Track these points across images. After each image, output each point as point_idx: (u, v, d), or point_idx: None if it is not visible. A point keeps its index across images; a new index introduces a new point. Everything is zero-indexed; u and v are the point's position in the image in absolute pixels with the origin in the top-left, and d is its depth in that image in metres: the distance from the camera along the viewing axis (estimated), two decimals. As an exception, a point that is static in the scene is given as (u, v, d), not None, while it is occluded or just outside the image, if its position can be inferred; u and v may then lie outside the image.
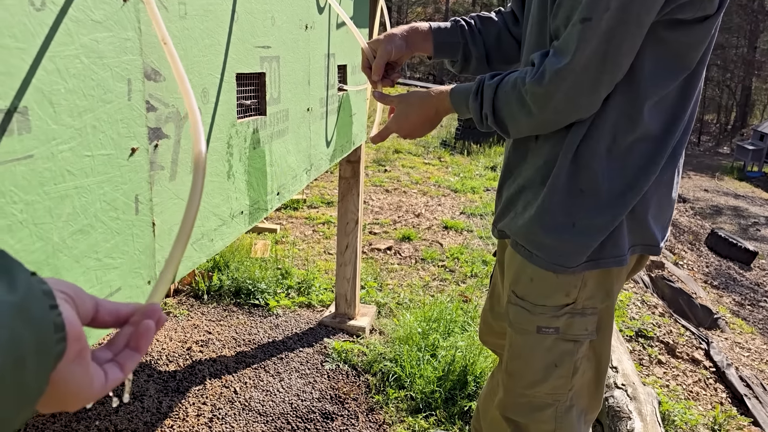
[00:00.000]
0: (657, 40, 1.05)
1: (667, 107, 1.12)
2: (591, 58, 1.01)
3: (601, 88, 1.06)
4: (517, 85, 1.11)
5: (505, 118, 1.16)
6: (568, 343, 1.25)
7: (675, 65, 1.09)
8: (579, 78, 1.03)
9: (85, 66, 0.79)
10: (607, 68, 1.03)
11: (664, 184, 1.19)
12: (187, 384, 2.29)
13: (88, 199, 0.82)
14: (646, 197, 1.16)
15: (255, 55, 1.37)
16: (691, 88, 1.13)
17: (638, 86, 1.08)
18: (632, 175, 1.13)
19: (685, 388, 2.94)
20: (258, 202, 1.45)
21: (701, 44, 1.08)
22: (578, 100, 1.06)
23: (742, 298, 6.70)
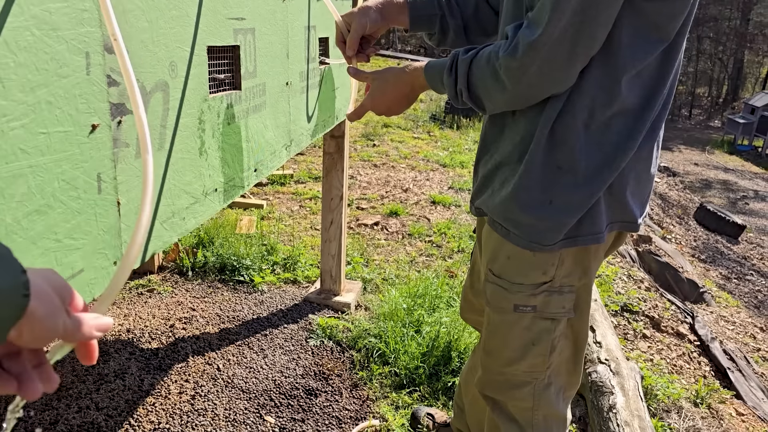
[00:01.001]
0: (635, 10, 1.02)
1: (646, 81, 1.09)
2: (565, 29, 0.98)
3: (576, 61, 1.03)
4: (491, 59, 1.08)
5: (480, 94, 1.13)
6: (546, 322, 1.24)
7: (653, 37, 1.05)
8: (553, 50, 1.00)
9: (36, 38, 0.75)
10: (581, 40, 1.00)
11: (643, 159, 1.17)
12: (170, 361, 2.27)
13: (44, 178, 0.79)
14: (624, 173, 1.14)
15: (228, 27, 1.32)
16: (670, 61, 1.10)
17: (616, 59, 1.05)
18: (610, 150, 1.11)
19: (669, 362, 2.97)
20: (233, 179, 1.42)
21: (680, 15, 1.05)
22: (553, 74, 1.03)
23: (729, 272, 6.75)
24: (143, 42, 0.99)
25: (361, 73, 1.35)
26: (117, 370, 2.18)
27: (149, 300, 2.75)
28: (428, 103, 10.62)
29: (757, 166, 16.03)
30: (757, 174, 14.99)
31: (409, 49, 22.78)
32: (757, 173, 15.08)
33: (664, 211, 8.54)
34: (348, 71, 1.39)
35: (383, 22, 1.39)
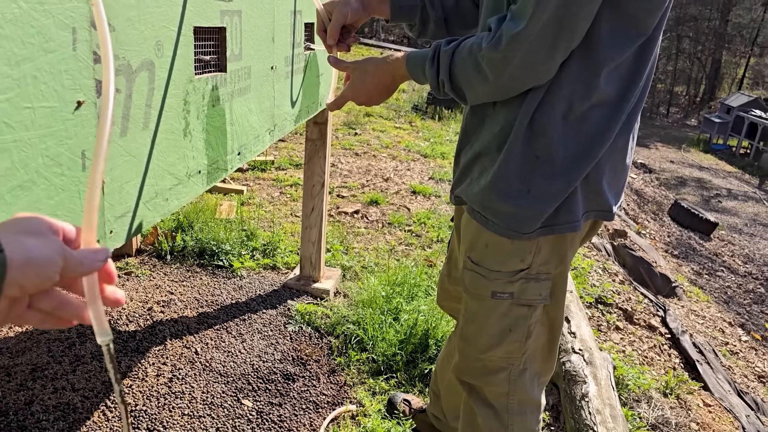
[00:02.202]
0: (614, 5, 1.04)
1: (623, 73, 1.12)
2: (547, 22, 1.00)
3: (557, 54, 1.05)
4: (473, 50, 1.09)
5: (461, 85, 1.14)
6: (523, 308, 1.26)
7: (632, 31, 1.08)
8: (535, 43, 1.02)
9: (23, 11, 0.75)
10: (563, 34, 1.02)
11: (618, 150, 1.19)
12: (147, 344, 2.27)
13: (28, 153, 0.79)
14: (601, 163, 1.17)
15: (215, 9, 1.31)
16: (646, 54, 1.13)
17: (595, 52, 1.07)
18: (587, 141, 1.13)
19: (641, 353, 3.03)
20: (217, 162, 1.41)
21: (658, 9, 1.08)
22: (534, 66, 1.05)
23: (701, 268, 6.89)
24: (130, 20, 0.99)
25: (342, 63, 1.35)
26: (94, 352, 2.16)
27: (127, 283, 2.73)
28: (410, 93, 10.62)
29: (730, 165, 16.34)
30: (731, 173, 15.28)
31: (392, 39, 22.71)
32: (730, 172, 15.37)
33: (640, 206, 8.67)
34: (328, 60, 1.39)
35: (364, 12, 1.40)
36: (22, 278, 0.50)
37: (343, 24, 1.39)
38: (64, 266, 0.54)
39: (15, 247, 0.50)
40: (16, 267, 0.49)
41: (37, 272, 0.51)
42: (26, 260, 0.50)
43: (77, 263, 0.56)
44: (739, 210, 11.30)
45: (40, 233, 0.55)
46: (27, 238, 0.52)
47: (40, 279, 0.52)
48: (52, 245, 0.54)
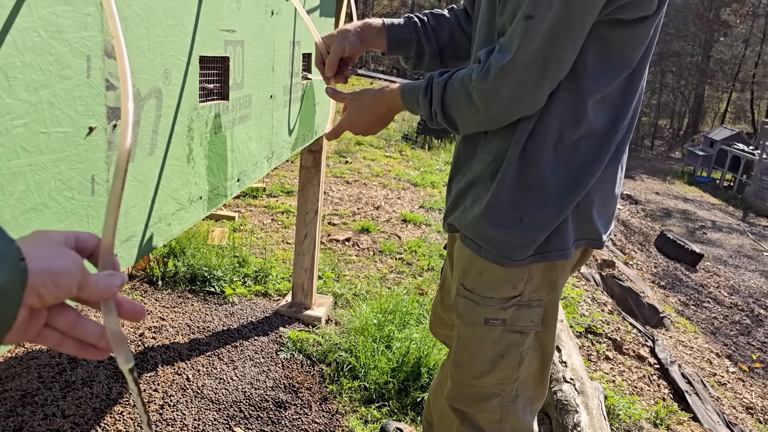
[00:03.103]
0: (600, 38, 1.08)
1: (611, 105, 1.16)
2: (534, 54, 1.04)
3: (544, 85, 1.08)
4: (464, 81, 1.13)
5: (453, 115, 1.18)
6: (515, 335, 1.28)
7: (617, 63, 1.12)
8: (523, 74, 1.06)
9: (43, 40, 0.77)
10: (550, 65, 1.05)
11: (608, 180, 1.23)
12: (139, 370, 2.25)
13: (42, 177, 0.80)
14: (591, 193, 1.20)
15: (219, 38, 1.35)
16: (633, 86, 1.17)
17: (582, 83, 1.11)
18: (578, 171, 1.16)
19: (631, 383, 3.04)
20: (217, 188, 1.43)
21: (641, 43, 1.12)
22: (523, 96, 1.09)
23: (687, 299, 6.94)
24: (140, 48, 1.01)
25: (339, 94, 1.39)
26: (84, 378, 2.14)
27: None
28: (400, 123, 10.73)
29: (715, 198, 16.56)
30: (715, 205, 15.48)
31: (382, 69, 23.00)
32: (715, 204, 15.57)
33: (627, 237, 8.75)
34: (326, 92, 1.42)
35: (361, 46, 1.44)
36: (41, 287, 0.51)
37: (340, 57, 1.42)
38: (81, 282, 0.56)
39: (36, 256, 0.51)
40: (36, 275, 0.50)
41: (56, 282, 0.52)
42: (45, 269, 0.52)
43: (93, 285, 0.58)
44: (724, 242, 11.43)
45: (60, 246, 0.56)
46: (47, 249, 0.54)
47: (59, 289, 0.53)
48: (71, 258, 0.55)
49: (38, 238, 0.56)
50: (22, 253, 0.50)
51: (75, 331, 0.59)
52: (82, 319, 0.59)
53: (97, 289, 0.58)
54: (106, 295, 0.59)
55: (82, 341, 0.60)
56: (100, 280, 0.59)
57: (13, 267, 0.48)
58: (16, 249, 0.50)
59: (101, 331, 0.60)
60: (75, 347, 0.60)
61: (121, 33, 0.76)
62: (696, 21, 29.30)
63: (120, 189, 0.66)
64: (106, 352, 0.61)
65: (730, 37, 30.35)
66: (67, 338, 0.59)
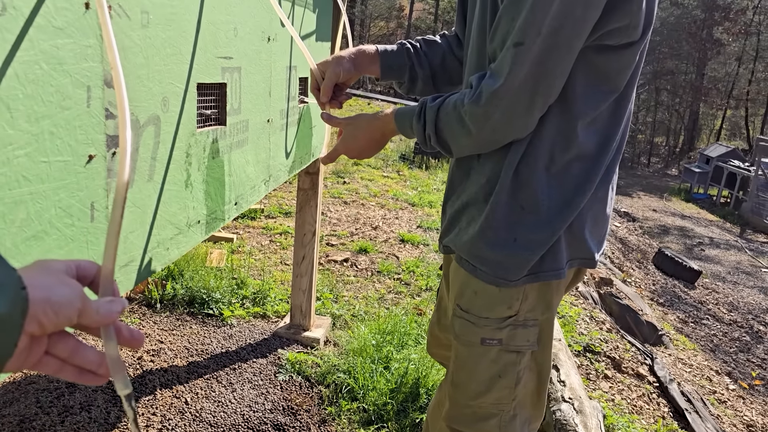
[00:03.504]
0: (587, 63, 1.11)
1: (600, 127, 1.19)
2: (525, 80, 1.07)
3: (534, 109, 1.11)
4: (456, 106, 1.16)
5: (447, 139, 1.21)
6: (511, 354, 1.29)
7: (605, 87, 1.15)
8: (514, 99, 1.08)
9: (44, 72, 0.79)
10: (540, 90, 1.08)
11: (599, 200, 1.25)
12: (137, 394, 2.24)
13: (43, 205, 0.82)
14: (582, 213, 1.22)
15: (216, 66, 1.37)
16: (621, 109, 1.20)
17: (572, 107, 1.14)
18: (570, 192, 1.19)
19: (630, 402, 3.03)
20: (215, 212, 1.45)
21: (628, 68, 1.15)
22: (514, 120, 1.11)
23: (686, 316, 6.93)
24: (139, 77, 1.04)
25: (334, 119, 1.42)
26: (83, 402, 2.14)
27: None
28: (398, 143, 10.79)
29: (712, 214, 16.61)
30: (712, 221, 15.52)
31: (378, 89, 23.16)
32: (712, 221, 15.61)
33: (625, 255, 8.76)
34: (321, 117, 1.45)
35: (356, 72, 1.47)
36: (42, 315, 0.52)
37: (335, 82, 1.45)
38: (81, 310, 0.57)
39: (37, 285, 0.53)
40: (36, 303, 0.52)
41: (56, 310, 0.54)
42: (46, 298, 0.53)
43: (93, 311, 0.59)
44: (722, 258, 11.44)
45: (61, 274, 0.58)
46: (48, 278, 0.55)
47: (59, 317, 0.54)
48: (72, 287, 0.56)
49: (39, 267, 0.57)
50: (23, 281, 0.51)
51: (75, 359, 0.60)
52: (82, 345, 0.61)
53: (98, 315, 0.59)
54: (106, 322, 0.61)
55: (81, 368, 0.61)
56: (100, 306, 0.60)
57: (14, 296, 0.50)
58: (18, 278, 0.51)
59: (101, 358, 0.61)
60: (74, 374, 0.61)
61: (119, 65, 0.78)
62: (689, 40, 29.62)
63: (119, 218, 0.68)
64: (105, 378, 0.62)
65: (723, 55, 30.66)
66: (66, 365, 0.60)
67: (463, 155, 1.26)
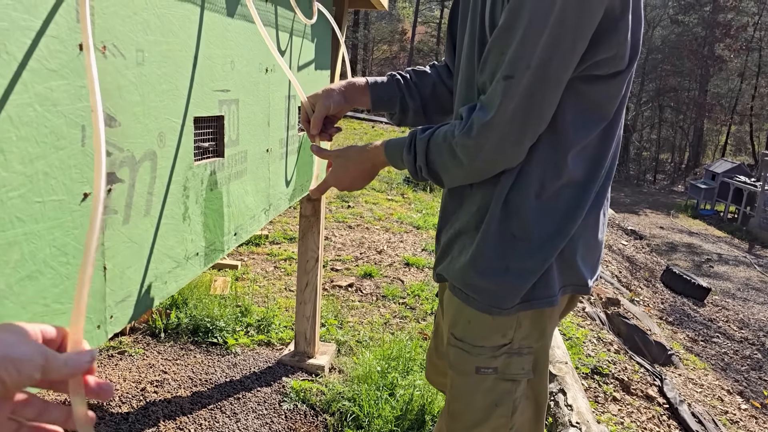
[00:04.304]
0: (576, 93, 1.12)
1: (589, 155, 1.19)
2: (515, 112, 1.07)
3: (525, 139, 1.12)
4: (447, 138, 1.17)
5: (438, 169, 1.21)
6: (507, 383, 1.28)
7: (594, 115, 1.16)
8: (504, 130, 1.09)
9: (38, 114, 0.80)
10: (530, 121, 1.09)
11: (590, 227, 1.25)
12: (140, 426, 2.23)
13: (37, 245, 0.82)
14: (574, 240, 1.22)
15: (213, 99, 1.39)
16: (609, 135, 1.20)
17: (562, 136, 1.15)
18: (560, 219, 1.19)
19: (639, 425, 2.99)
20: (214, 243, 1.45)
21: (617, 97, 1.16)
22: (505, 151, 1.12)
23: (696, 334, 6.86)
24: (135, 115, 1.05)
25: (324, 152, 1.42)
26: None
27: (120, 362, 2.71)
28: (402, 165, 10.79)
29: (719, 230, 16.52)
30: (720, 238, 15.43)
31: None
32: (720, 237, 15.52)
33: (632, 273, 8.71)
34: (311, 149, 1.45)
35: (346, 104, 1.48)
36: (3, 372, 0.52)
37: (325, 115, 1.47)
38: (46, 366, 0.56)
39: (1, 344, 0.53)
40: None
41: (18, 368, 0.53)
42: (5, 355, 0.53)
43: (61, 365, 0.58)
44: (731, 275, 11.35)
45: (20, 334, 0.57)
46: (8, 336, 0.56)
47: (21, 375, 0.54)
48: (31, 345, 0.57)
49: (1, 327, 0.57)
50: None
51: (41, 419, 0.60)
52: (47, 405, 0.60)
53: (66, 368, 0.59)
54: (75, 374, 0.60)
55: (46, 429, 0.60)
56: (69, 359, 0.60)
57: None
58: None
59: (67, 414, 0.61)
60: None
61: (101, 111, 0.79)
62: (691, 57, 29.76)
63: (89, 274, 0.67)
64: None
65: (726, 71, 30.76)
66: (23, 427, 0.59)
67: (454, 185, 1.27)
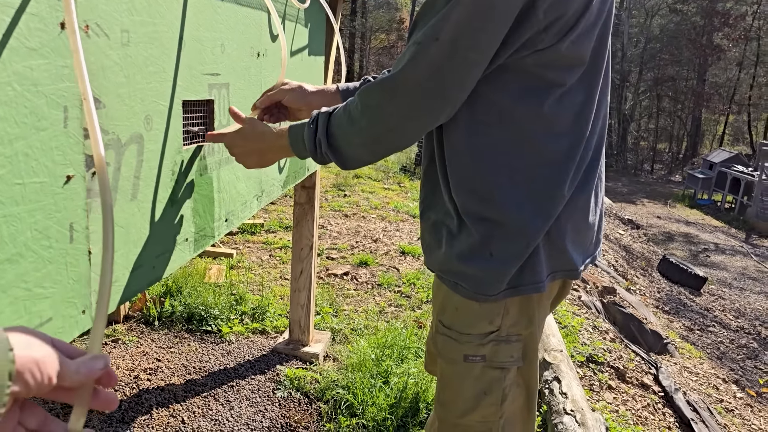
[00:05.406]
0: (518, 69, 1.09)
1: (563, 131, 1.15)
2: (418, 79, 1.05)
3: (427, 113, 1.09)
4: (348, 105, 1.15)
5: (338, 141, 1.17)
6: (496, 371, 1.27)
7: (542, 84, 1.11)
8: (406, 95, 1.07)
9: (17, 93, 0.78)
10: (435, 94, 1.06)
11: (579, 209, 1.22)
12: (133, 414, 2.22)
13: (17, 227, 0.81)
14: (562, 223, 1.19)
15: (203, 83, 1.37)
16: (586, 111, 1.16)
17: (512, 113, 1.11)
18: (538, 200, 1.16)
19: (634, 413, 2.99)
20: (204, 229, 1.44)
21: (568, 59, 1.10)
22: (407, 120, 1.10)
23: (692, 323, 6.88)
24: (120, 96, 1.03)
25: (239, 116, 1.37)
26: (77, 423, 2.12)
27: (113, 350, 2.70)
28: (399, 154, 10.80)
29: (716, 220, 16.53)
30: (717, 227, 15.45)
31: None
32: (717, 227, 15.54)
33: (629, 262, 8.71)
34: (229, 110, 1.41)
35: (304, 103, 1.47)
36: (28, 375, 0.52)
37: (278, 101, 1.47)
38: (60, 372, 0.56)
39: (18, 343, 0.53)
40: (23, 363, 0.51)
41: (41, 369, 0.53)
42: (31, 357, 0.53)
43: (72, 372, 0.58)
44: (728, 264, 11.37)
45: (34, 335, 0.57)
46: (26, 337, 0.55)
47: (43, 377, 0.54)
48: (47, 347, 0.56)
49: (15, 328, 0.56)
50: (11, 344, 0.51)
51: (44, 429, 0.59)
52: (50, 417, 0.60)
53: (78, 375, 0.58)
54: (86, 381, 0.59)
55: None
56: (81, 365, 0.59)
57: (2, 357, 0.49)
58: (5, 339, 0.51)
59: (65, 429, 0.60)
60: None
61: (90, 93, 0.77)
62: (689, 46, 29.66)
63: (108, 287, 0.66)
64: None
65: (724, 60, 30.69)
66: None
67: (356, 162, 1.21)
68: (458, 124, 1.16)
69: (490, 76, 1.10)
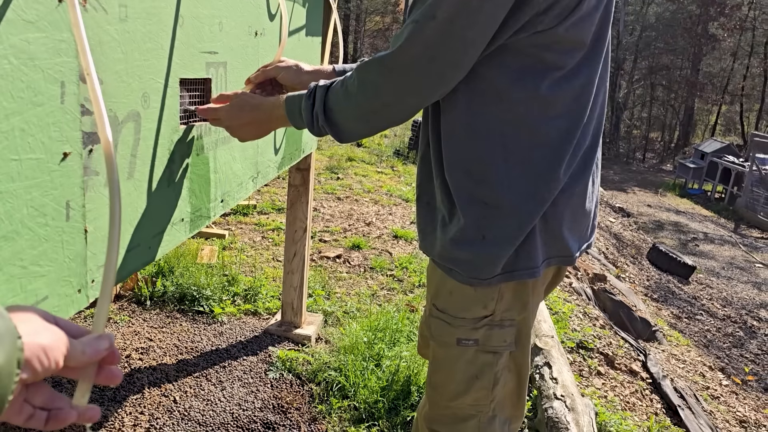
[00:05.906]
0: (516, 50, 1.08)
1: (560, 114, 1.14)
2: (414, 57, 1.05)
3: (423, 91, 1.09)
4: (344, 80, 1.15)
5: (335, 114, 1.17)
6: (488, 355, 1.27)
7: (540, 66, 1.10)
8: (402, 72, 1.07)
9: (14, 67, 0.77)
10: (430, 72, 1.06)
11: (577, 195, 1.22)
12: (125, 393, 2.22)
13: (13, 204, 0.79)
14: (558, 209, 1.19)
15: (201, 61, 1.35)
16: (585, 95, 1.15)
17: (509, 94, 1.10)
18: (532, 182, 1.15)
19: (623, 398, 3.03)
20: (200, 210, 1.43)
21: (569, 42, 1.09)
22: (403, 97, 1.10)
23: (680, 311, 6.94)
24: (117, 73, 1.01)
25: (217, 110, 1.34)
26: (68, 402, 2.11)
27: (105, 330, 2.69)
28: (392, 138, 10.76)
29: (706, 210, 16.64)
30: (707, 217, 15.55)
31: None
32: (706, 216, 15.64)
33: (619, 250, 8.77)
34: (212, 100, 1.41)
35: (297, 81, 1.45)
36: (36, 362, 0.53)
37: (273, 77, 1.45)
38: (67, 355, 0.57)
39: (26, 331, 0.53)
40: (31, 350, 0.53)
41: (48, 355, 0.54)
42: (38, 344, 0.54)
43: (79, 352, 0.59)
44: (716, 253, 11.46)
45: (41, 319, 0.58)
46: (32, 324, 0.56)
47: (50, 362, 0.55)
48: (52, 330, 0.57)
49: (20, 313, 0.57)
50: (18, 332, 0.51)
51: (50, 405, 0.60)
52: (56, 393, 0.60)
53: (84, 356, 0.59)
54: (93, 361, 0.61)
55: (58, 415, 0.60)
56: (86, 346, 0.59)
57: (11, 346, 0.50)
58: (14, 327, 0.51)
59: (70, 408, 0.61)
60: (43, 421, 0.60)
61: (92, 64, 0.76)
62: (684, 35, 29.65)
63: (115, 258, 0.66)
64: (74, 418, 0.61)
65: (719, 50, 30.71)
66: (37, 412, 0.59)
67: (354, 135, 1.21)
68: (455, 103, 1.15)
69: (489, 56, 1.09)
